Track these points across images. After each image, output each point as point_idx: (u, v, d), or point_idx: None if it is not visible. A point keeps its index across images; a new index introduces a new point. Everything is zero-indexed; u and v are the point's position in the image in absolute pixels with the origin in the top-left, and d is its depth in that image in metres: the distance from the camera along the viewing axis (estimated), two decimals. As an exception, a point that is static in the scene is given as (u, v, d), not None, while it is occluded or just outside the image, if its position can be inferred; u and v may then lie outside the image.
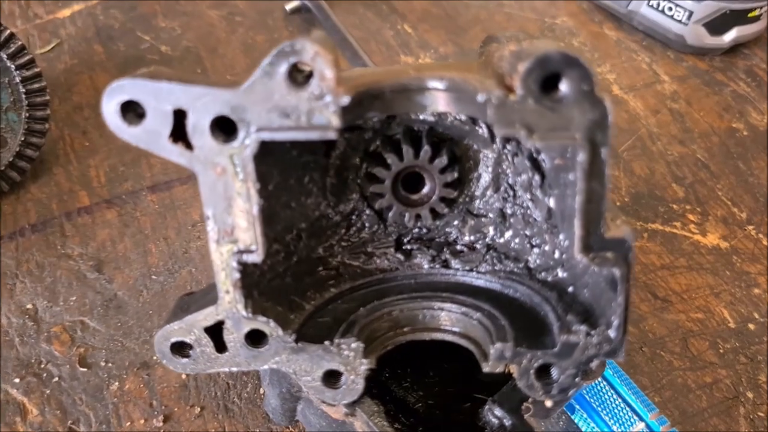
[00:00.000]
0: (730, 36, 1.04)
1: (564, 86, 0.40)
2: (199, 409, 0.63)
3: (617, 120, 0.96)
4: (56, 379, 0.65)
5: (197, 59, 0.97)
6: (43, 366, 0.65)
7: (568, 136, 0.41)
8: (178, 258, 0.74)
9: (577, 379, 0.47)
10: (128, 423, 0.62)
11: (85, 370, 0.65)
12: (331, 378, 0.49)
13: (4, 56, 0.72)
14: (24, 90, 0.74)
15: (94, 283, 0.71)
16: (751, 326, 0.75)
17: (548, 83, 0.41)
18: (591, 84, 0.40)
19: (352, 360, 0.47)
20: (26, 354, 0.66)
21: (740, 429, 0.66)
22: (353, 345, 0.47)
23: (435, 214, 0.54)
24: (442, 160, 0.52)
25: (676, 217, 0.84)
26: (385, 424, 0.50)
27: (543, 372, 0.48)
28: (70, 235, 0.75)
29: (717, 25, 1.03)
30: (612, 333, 0.45)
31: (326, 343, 0.47)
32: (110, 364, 0.66)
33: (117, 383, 0.65)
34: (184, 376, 0.65)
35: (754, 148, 0.94)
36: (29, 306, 0.70)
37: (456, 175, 0.53)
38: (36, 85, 0.75)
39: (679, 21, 1.04)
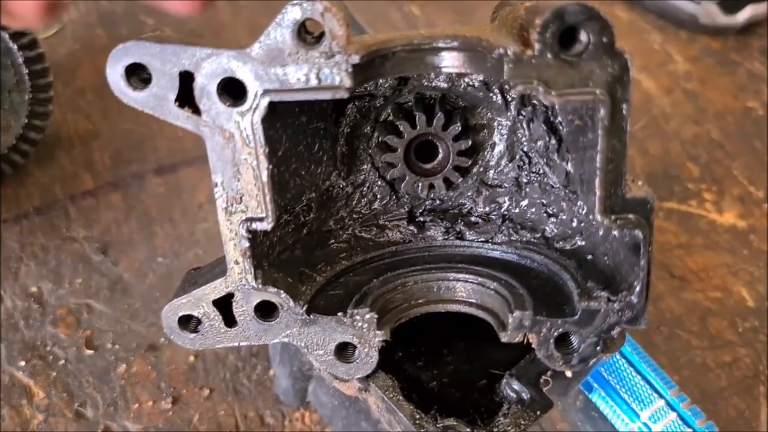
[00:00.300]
0: (744, 15, 1.02)
1: (583, 39, 0.39)
2: (208, 391, 0.62)
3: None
4: (62, 361, 0.64)
5: (202, 43, 0.96)
6: (48, 349, 0.64)
7: (588, 92, 0.39)
8: (184, 240, 0.73)
9: (598, 348, 0.46)
10: (136, 405, 0.61)
11: (91, 352, 0.64)
12: (344, 351, 0.47)
13: (6, 36, 0.71)
14: (27, 71, 0.73)
15: (99, 265, 0.70)
16: (771, 305, 0.73)
17: (566, 37, 0.39)
18: (611, 36, 0.39)
19: (366, 332, 0.46)
20: (32, 337, 0.65)
21: (761, 408, 0.65)
22: (367, 316, 0.46)
23: (449, 184, 0.53)
24: (456, 128, 0.50)
25: (691, 196, 0.83)
26: (400, 398, 0.48)
27: (563, 341, 0.46)
28: (75, 218, 0.74)
29: (730, 3, 1.01)
30: (634, 298, 0.44)
31: (339, 314, 0.46)
32: (117, 347, 0.65)
33: (124, 365, 0.63)
34: (192, 358, 0.64)
35: (770, 127, 0.92)
36: (34, 289, 0.68)
37: (470, 142, 0.51)
38: (39, 66, 0.74)
39: (692, 0, 1.02)
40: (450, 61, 0.43)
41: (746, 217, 0.82)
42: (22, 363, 0.63)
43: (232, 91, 0.41)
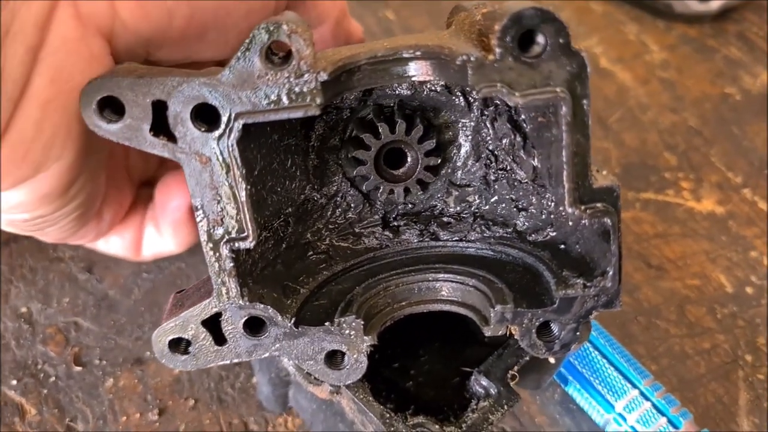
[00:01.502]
0: (718, 1, 1.03)
1: (540, 41, 0.40)
2: (193, 401, 0.64)
3: (606, 92, 0.95)
4: (53, 378, 0.65)
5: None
6: (39, 367, 0.66)
7: (550, 91, 0.41)
8: (168, 254, 0.74)
9: (577, 333, 0.47)
10: (124, 418, 0.63)
11: (80, 368, 0.66)
12: (334, 359, 0.48)
13: None
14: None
15: (85, 283, 0.72)
16: (749, 290, 0.74)
17: (524, 40, 0.41)
18: (567, 37, 0.40)
19: (354, 338, 0.47)
20: (23, 356, 0.67)
21: (739, 392, 0.65)
22: (353, 323, 0.47)
23: (422, 186, 0.54)
24: (419, 130, 0.51)
25: (668, 185, 0.84)
26: (369, 399, 0.50)
27: (544, 330, 0.48)
28: (61, 238, 0.76)
29: (704, -10, 1.02)
30: (608, 283, 0.46)
31: (326, 324, 0.47)
32: (104, 362, 0.66)
33: (112, 380, 0.65)
34: (176, 371, 0.66)
35: (748, 112, 0.93)
36: (24, 309, 0.70)
37: (434, 143, 0.52)
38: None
39: (665, -11, 1.03)
40: (415, 71, 0.45)
41: (724, 203, 0.82)
42: (14, 382, 0.65)
43: (206, 116, 0.42)
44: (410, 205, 0.56)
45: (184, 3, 0.48)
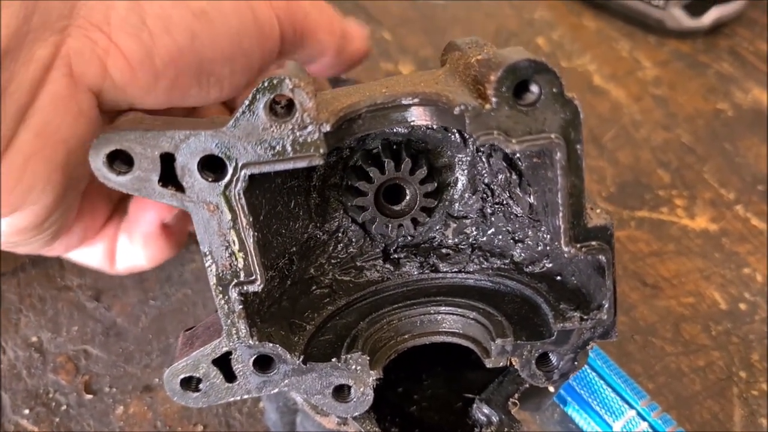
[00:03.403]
0: (709, 17, 1.05)
1: (535, 90, 0.42)
2: (201, 426, 0.65)
3: (600, 110, 0.97)
4: (64, 407, 0.67)
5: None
6: (51, 396, 0.68)
7: (545, 137, 0.43)
8: (174, 281, 0.76)
9: (575, 363, 0.49)
10: (135, 445, 0.64)
11: (90, 396, 0.68)
12: (341, 393, 0.50)
13: None
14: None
15: (93, 312, 0.74)
16: (743, 306, 0.75)
17: (520, 89, 0.42)
18: (560, 86, 0.42)
19: (360, 373, 0.49)
20: (34, 385, 0.68)
21: (734, 408, 0.67)
22: (360, 359, 0.48)
23: (421, 219, 0.56)
24: (408, 164, 0.53)
25: (662, 203, 0.85)
26: (376, 430, 0.51)
27: (543, 360, 0.50)
28: (68, 267, 0.77)
29: (695, 6, 1.04)
30: (604, 316, 0.47)
31: (333, 360, 0.48)
32: (114, 389, 0.68)
33: (122, 407, 0.67)
34: (186, 396, 0.67)
35: (741, 127, 0.95)
36: (34, 339, 0.72)
37: (425, 171, 0.54)
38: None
39: (657, 6, 1.05)
40: (414, 116, 0.46)
41: (717, 220, 0.84)
42: (27, 411, 0.67)
43: (212, 167, 0.43)
44: (410, 237, 0.58)
45: (171, 65, 0.50)
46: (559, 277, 0.51)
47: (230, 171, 0.43)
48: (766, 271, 0.78)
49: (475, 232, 0.57)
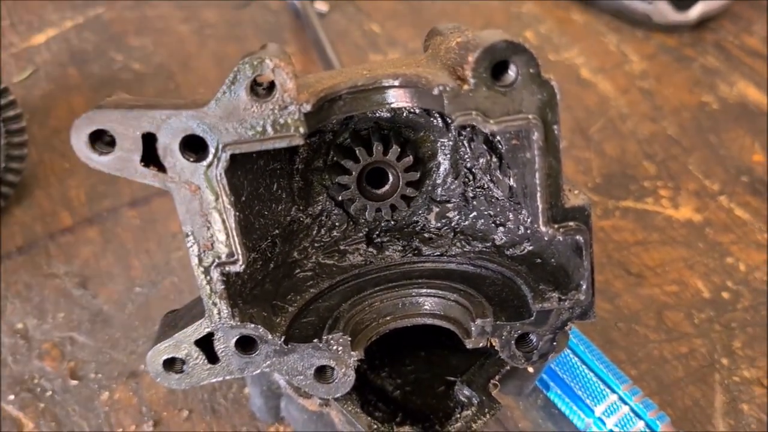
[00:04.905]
0: (695, 11, 1.05)
1: (512, 71, 0.43)
2: (187, 412, 0.65)
3: (587, 102, 0.97)
4: (49, 393, 0.67)
5: (169, 74, 0.99)
6: (36, 381, 0.68)
7: (522, 117, 0.43)
8: (160, 269, 0.76)
9: (554, 343, 0.49)
10: (120, 430, 0.64)
11: (76, 382, 0.68)
12: (323, 374, 0.50)
13: None
14: (2, 117, 0.76)
15: (80, 299, 0.74)
16: (725, 295, 0.76)
17: (497, 70, 0.43)
18: (536, 67, 0.43)
19: (342, 354, 0.49)
20: (19, 371, 0.68)
21: (715, 395, 0.68)
22: (341, 340, 0.49)
23: (407, 200, 0.56)
24: (396, 150, 0.53)
25: (648, 194, 0.86)
26: (358, 411, 0.52)
27: (523, 341, 0.50)
28: (55, 255, 0.78)
29: (682, 1, 1.05)
30: (582, 296, 0.48)
31: (315, 341, 0.49)
32: (100, 375, 0.68)
33: (107, 393, 0.67)
34: (171, 382, 0.67)
35: (726, 120, 0.95)
36: (20, 325, 0.72)
37: (412, 159, 0.54)
38: (11, 113, 0.77)
39: (644, 0, 1.05)
40: (394, 98, 0.47)
41: (702, 210, 0.85)
42: (12, 397, 0.67)
43: (194, 147, 0.44)
44: (393, 222, 0.58)
45: None
46: (539, 260, 0.52)
47: (212, 151, 0.43)
48: (749, 261, 0.79)
49: (457, 216, 0.57)
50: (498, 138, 0.51)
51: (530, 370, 0.54)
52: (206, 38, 1.05)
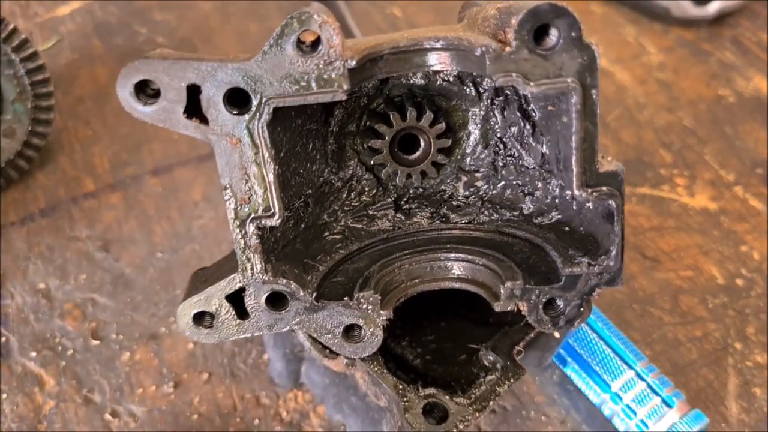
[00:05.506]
0: (714, 6, 1.06)
1: (554, 35, 0.43)
2: (207, 375, 0.66)
3: (605, 91, 0.98)
4: (70, 351, 0.68)
5: (192, 49, 1.00)
6: (57, 340, 0.68)
7: (562, 81, 0.44)
8: (182, 236, 0.77)
9: (582, 309, 0.50)
10: (140, 390, 0.65)
11: (97, 342, 0.68)
12: (351, 333, 0.51)
13: (9, 49, 0.75)
14: (29, 81, 0.77)
15: (102, 262, 0.74)
16: (739, 282, 0.77)
17: (539, 33, 0.44)
18: (579, 30, 0.44)
19: (371, 313, 0.50)
20: (41, 330, 0.69)
21: (729, 378, 0.69)
22: (371, 298, 0.49)
23: (437, 167, 0.56)
24: (429, 116, 0.54)
25: (664, 181, 0.87)
26: (384, 371, 0.52)
27: (550, 306, 0.51)
28: (78, 219, 0.78)
29: (701, -5, 1.05)
30: (611, 262, 0.49)
31: (345, 299, 0.49)
32: (121, 336, 0.69)
33: (128, 353, 0.67)
34: (191, 345, 0.68)
35: (741, 113, 0.96)
36: (42, 285, 0.73)
37: (444, 126, 0.55)
38: (40, 77, 0.78)
39: (664, -6, 1.06)
40: (435, 60, 0.48)
41: (717, 199, 0.85)
42: (33, 354, 0.67)
43: (238, 100, 0.44)
44: (421, 189, 0.59)
45: None
46: (567, 228, 0.53)
47: (255, 104, 0.44)
48: (763, 250, 0.79)
49: (485, 186, 0.58)
50: (532, 105, 0.51)
51: (556, 335, 0.55)
52: (229, 15, 1.05)
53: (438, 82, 0.55)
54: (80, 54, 0.98)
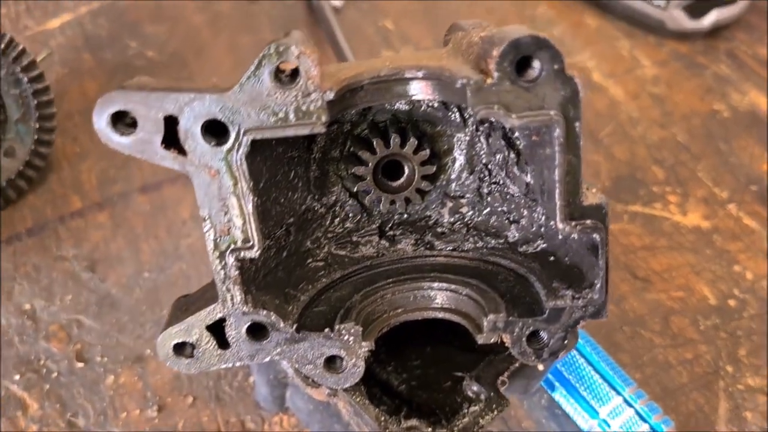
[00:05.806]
0: (709, 19, 1.05)
1: (536, 67, 0.43)
2: (191, 398, 0.66)
3: (597, 106, 0.98)
4: (55, 374, 0.67)
5: (183, 63, 0.99)
6: (42, 363, 0.68)
7: (544, 113, 0.43)
8: (169, 255, 0.76)
9: (565, 342, 0.50)
10: (124, 414, 0.64)
11: (82, 365, 0.68)
12: (333, 364, 0.50)
13: (18, 69, 0.75)
14: (35, 102, 0.77)
15: (88, 282, 0.74)
16: (732, 303, 0.76)
17: (521, 65, 0.43)
18: (561, 63, 0.43)
19: (352, 344, 0.49)
20: (26, 352, 0.69)
21: (719, 402, 0.68)
22: (352, 330, 0.49)
23: (421, 194, 0.56)
24: (413, 143, 0.54)
25: (656, 199, 0.86)
26: (366, 402, 0.52)
27: (534, 338, 0.50)
28: (65, 238, 0.78)
29: (696, 8, 1.05)
30: (596, 295, 0.48)
31: (326, 330, 0.49)
32: (105, 359, 0.68)
33: (112, 377, 0.67)
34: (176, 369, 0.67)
35: (736, 128, 0.96)
36: (27, 306, 0.72)
37: (428, 152, 0.54)
38: (45, 98, 0.78)
39: (658, 6, 1.06)
40: (416, 90, 0.47)
41: (710, 217, 0.85)
42: (17, 377, 0.67)
43: (215, 131, 0.44)
44: (406, 215, 0.58)
45: None
46: (552, 258, 0.52)
47: (233, 136, 0.43)
48: (756, 270, 0.79)
49: (470, 212, 0.57)
50: (517, 134, 0.51)
51: (540, 367, 0.55)
52: (220, 29, 1.05)
53: (423, 108, 0.55)
54: (70, 68, 0.97)
